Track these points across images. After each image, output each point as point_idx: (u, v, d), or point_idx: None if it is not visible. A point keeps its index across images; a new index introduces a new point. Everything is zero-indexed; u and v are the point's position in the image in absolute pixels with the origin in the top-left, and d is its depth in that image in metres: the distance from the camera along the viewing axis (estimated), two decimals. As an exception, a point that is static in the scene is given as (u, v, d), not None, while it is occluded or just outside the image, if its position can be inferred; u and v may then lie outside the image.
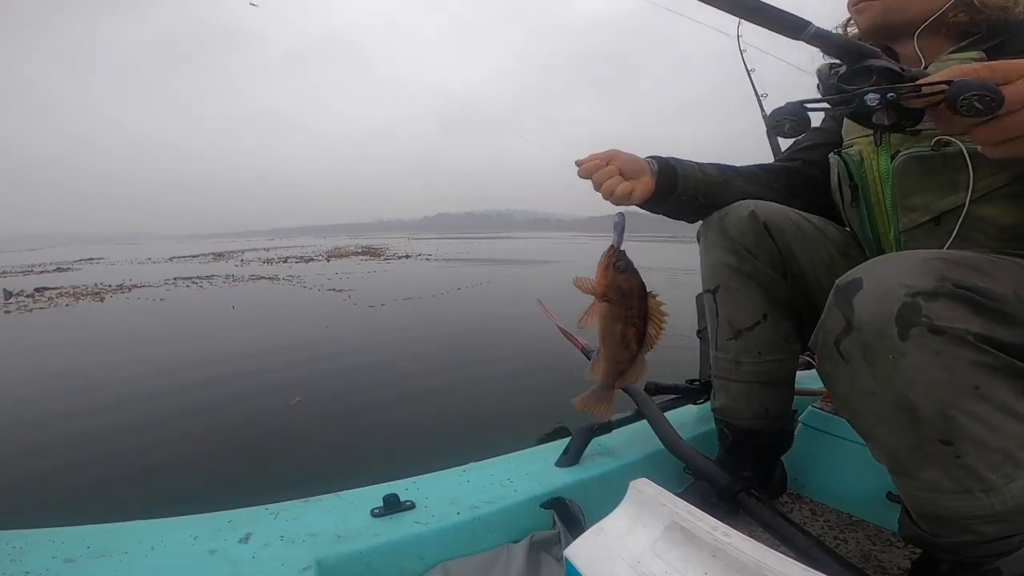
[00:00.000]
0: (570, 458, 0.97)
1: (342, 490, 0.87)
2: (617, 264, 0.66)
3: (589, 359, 1.20)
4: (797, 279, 0.87)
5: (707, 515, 0.51)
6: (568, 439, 1.01)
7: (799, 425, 1.08)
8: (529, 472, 0.94)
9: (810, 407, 1.09)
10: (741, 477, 0.91)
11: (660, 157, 0.87)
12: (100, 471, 2.27)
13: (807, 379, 1.48)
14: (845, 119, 0.90)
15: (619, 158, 0.81)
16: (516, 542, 0.82)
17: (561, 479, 0.92)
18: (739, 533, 0.48)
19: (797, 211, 0.89)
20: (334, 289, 8.09)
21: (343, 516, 0.79)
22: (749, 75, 1.43)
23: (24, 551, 0.68)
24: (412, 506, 0.82)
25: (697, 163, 0.92)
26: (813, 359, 1.42)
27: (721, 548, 0.47)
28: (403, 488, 0.87)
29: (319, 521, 0.78)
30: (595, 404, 0.71)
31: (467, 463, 0.98)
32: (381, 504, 0.80)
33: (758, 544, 0.47)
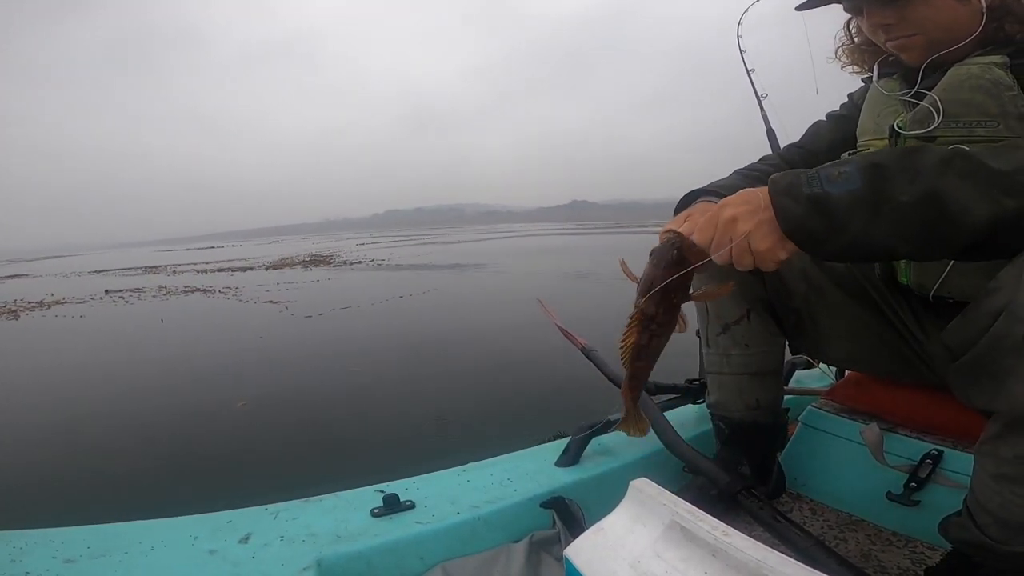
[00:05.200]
0: (570, 458, 0.97)
1: (341, 490, 0.87)
2: None
3: (590, 359, 1.21)
4: (771, 278, 0.92)
5: (707, 515, 0.51)
6: (568, 439, 1.01)
7: (799, 424, 1.08)
8: (529, 472, 0.94)
9: (810, 407, 1.09)
10: (740, 475, 0.91)
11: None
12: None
13: (807, 378, 1.48)
14: (860, 116, 0.89)
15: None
16: (516, 542, 0.82)
17: (561, 479, 0.92)
18: (739, 533, 0.48)
19: None
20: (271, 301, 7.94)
21: (343, 516, 0.79)
22: (749, 75, 1.42)
23: (24, 551, 0.68)
24: (412, 506, 0.82)
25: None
26: (812, 359, 1.42)
27: (721, 548, 0.47)
28: (403, 488, 0.87)
29: (319, 521, 0.78)
30: None
31: (467, 463, 0.98)
32: (381, 504, 0.80)
33: (758, 544, 0.47)
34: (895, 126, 0.79)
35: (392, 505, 0.80)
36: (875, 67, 0.87)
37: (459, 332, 5.23)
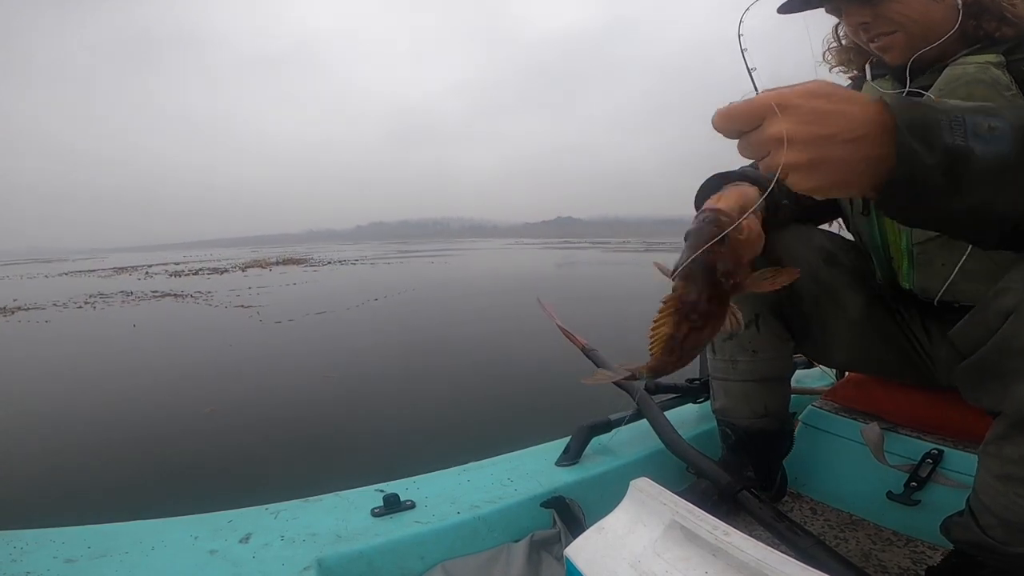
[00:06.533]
0: (570, 457, 0.97)
1: (342, 490, 0.87)
2: None
3: (590, 359, 1.21)
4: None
5: (707, 514, 0.51)
6: (568, 438, 1.01)
7: (799, 424, 1.08)
8: (529, 471, 0.94)
9: (810, 406, 1.09)
10: (743, 477, 0.90)
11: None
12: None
13: (807, 378, 1.48)
14: None
15: None
16: (516, 541, 0.82)
17: (561, 478, 0.92)
18: (739, 532, 0.48)
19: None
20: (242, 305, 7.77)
21: (343, 516, 0.79)
22: (750, 73, 1.42)
23: (24, 551, 0.68)
24: (412, 506, 0.82)
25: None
26: (815, 363, 1.42)
27: (721, 547, 0.47)
28: (403, 488, 0.87)
29: (319, 521, 0.78)
30: None
31: (467, 463, 0.98)
32: (381, 504, 0.80)
33: (758, 543, 0.47)
34: None
35: (392, 505, 0.81)
36: (867, 67, 0.87)
37: (455, 333, 5.23)
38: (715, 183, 0.77)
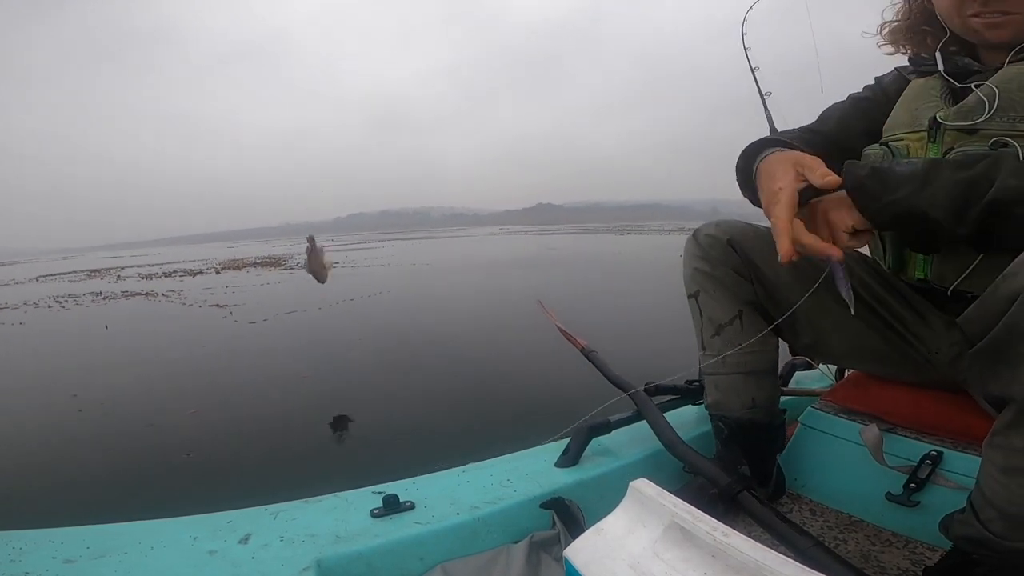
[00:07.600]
0: (570, 458, 0.97)
1: (341, 491, 0.87)
2: None
3: (590, 360, 1.21)
4: (762, 282, 0.94)
5: (707, 515, 0.51)
6: (568, 439, 1.01)
7: (799, 425, 1.08)
8: (529, 472, 0.94)
9: (809, 407, 1.09)
10: (741, 476, 0.91)
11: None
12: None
13: (806, 379, 1.48)
14: (893, 110, 0.89)
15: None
16: (516, 542, 0.82)
17: (561, 479, 0.92)
18: (739, 533, 0.48)
19: (759, 225, 0.96)
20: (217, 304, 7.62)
21: (343, 516, 0.79)
22: (753, 73, 1.41)
23: (23, 552, 0.68)
24: (412, 506, 0.82)
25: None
26: (812, 360, 1.42)
27: (721, 548, 0.47)
28: (403, 488, 0.87)
29: (319, 521, 0.78)
30: None
31: (466, 464, 0.98)
32: (381, 504, 0.80)
33: (758, 544, 0.47)
34: (936, 118, 0.79)
35: (392, 506, 0.81)
36: (936, 54, 0.86)
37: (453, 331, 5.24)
38: (758, 148, 0.86)
